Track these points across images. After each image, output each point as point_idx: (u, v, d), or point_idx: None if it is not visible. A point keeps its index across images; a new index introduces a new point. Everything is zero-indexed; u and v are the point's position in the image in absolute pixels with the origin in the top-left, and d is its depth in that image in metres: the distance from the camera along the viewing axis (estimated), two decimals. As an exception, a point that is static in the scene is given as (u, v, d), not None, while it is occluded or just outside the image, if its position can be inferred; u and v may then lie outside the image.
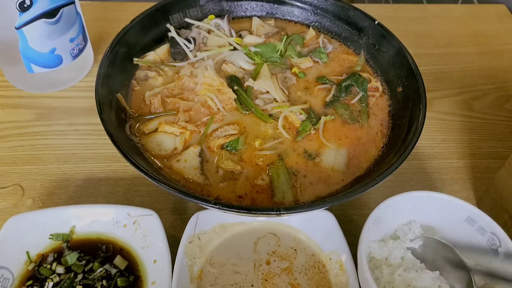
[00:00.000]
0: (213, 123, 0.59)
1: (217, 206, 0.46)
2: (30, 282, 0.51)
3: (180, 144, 0.56)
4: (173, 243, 0.52)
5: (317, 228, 0.56)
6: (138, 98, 0.62)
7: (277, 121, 0.59)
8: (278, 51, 0.69)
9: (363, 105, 0.64)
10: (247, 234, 0.56)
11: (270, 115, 0.60)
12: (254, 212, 0.46)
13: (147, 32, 0.67)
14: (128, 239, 0.54)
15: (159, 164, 0.55)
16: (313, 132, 0.59)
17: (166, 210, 0.62)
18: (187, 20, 0.71)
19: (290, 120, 0.60)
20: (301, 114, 0.61)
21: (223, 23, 0.72)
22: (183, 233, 0.53)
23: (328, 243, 0.55)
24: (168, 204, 0.62)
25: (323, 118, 0.60)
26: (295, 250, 0.55)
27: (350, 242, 0.54)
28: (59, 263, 0.52)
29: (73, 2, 0.68)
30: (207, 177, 0.54)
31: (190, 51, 0.68)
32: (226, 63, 0.67)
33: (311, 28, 0.74)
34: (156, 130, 0.58)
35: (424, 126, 0.54)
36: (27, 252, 0.53)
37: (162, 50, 0.68)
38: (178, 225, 0.60)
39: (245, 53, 0.68)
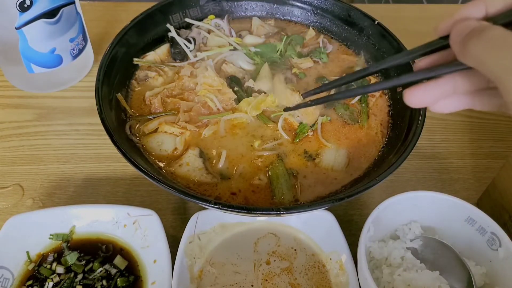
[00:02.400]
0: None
1: (217, 206, 0.46)
2: (30, 282, 0.51)
3: (181, 144, 0.56)
4: (173, 243, 0.52)
5: (317, 228, 0.56)
6: (138, 98, 0.62)
7: (277, 123, 0.59)
8: (278, 51, 0.69)
9: (363, 105, 0.64)
10: (247, 234, 0.56)
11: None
12: (254, 212, 0.46)
13: (147, 32, 0.67)
14: (128, 239, 0.54)
15: (160, 165, 0.55)
16: (310, 134, 0.59)
17: (166, 210, 0.62)
18: (187, 20, 0.71)
19: (289, 121, 0.60)
20: (298, 116, 0.60)
21: (223, 23, 0.72)
22: (183, 233, 0.53)
23: (328, 243, 0.55)
24: (168, 204, 0.62)
25: (320, 119, 0.60)
26: (295, 250, 0.55)
27: (350, 242, 0.53)
28: (59, 263, 0.52)
29: (73, 2, 0.68)
30: (214, 176, 0.54)
31: (190, 51, 0.68)
32: (226, 63, 0.66)
33: (311, 28, 0.74)
34: (156, 130, 0.58)
35: (424, 126, 0.54)
36: (27, 252, 0.52)
37: (162, 50, 0.68)
38: (178, 225, 0.60)
39: (245, 53, 0.68)
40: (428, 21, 0.97)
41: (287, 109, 0.51)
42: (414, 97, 0.32)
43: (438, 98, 0.32)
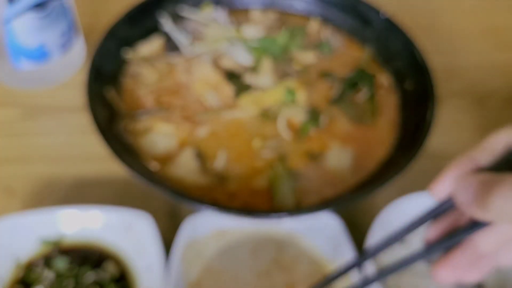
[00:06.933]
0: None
1: (214, 209, 0.44)
2: (18, 288, 0.49)
3: (176, 143, 0.55)
4: (168, 247, 0.50)
5: (322, 235, 0.53)
6: (131, 94, 0.60)
7: (278, 121, 0.57)
8: (279, 45, 0.67)
9: (370, 102, 0.61)
10: (246, 241, 0.54)
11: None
12: (254, 215, 0.45)
13: (140, 26, 0.64)
14: (121, 243, 0.52)
15: (154, 166, 0.53)
16: (314, 133, 0.57)
17: (161, 213, 0.59)
18: (183, 13, 0.68)
19: (290, 120, 0.58)
20: (300, 115, 0.58)
21: (221, 16, 0.69)
22: (178, 237, 0.50)
23: (334, 251, 0.52)
24: (163, 206, 0.60)
25: (324, 118, 0.58)
26: (297, 258, 0.53)
27: (355, 248, 0.51)
28: (49, 268, 0.50)
29: (64, -6, 0.65)
30: (211, 177, 0.52)
31: (186, 45, 0.65)
32: (224, 58, 0.64)
33: (314, 21, 0.71)
34: (149, 129, 0.56)
35: (434, 124, 0.52)
36: (16, 257, 0.50)
37: (156, 44, 0.66)
38: (173, 229, 0.57)
39: (244, 47, 0.66)
40: (437, 14, 0.94)
41: None
42: (444, 275, 0.31)
43: (468, 267, 0.30)
